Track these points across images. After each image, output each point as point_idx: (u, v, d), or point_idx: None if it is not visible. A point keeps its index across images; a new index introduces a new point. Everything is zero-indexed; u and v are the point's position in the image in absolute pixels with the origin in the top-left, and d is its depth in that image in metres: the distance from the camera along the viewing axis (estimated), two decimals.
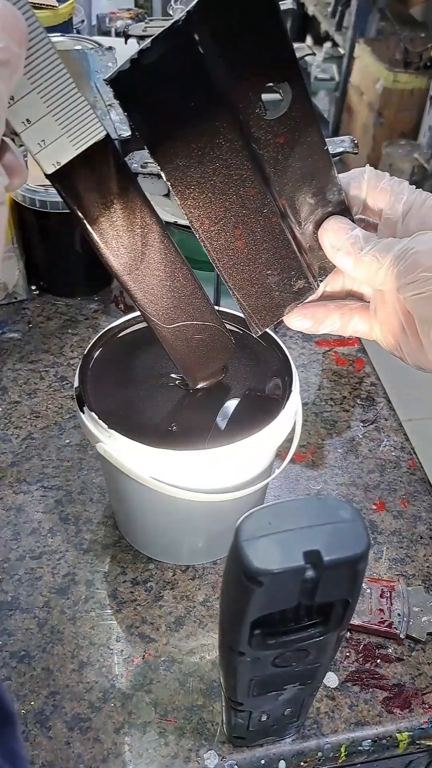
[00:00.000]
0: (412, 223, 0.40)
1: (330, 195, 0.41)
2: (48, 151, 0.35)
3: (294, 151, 0.39)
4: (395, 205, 0.40)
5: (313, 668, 0.39)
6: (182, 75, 0.34)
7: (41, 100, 0.33)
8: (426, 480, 0.67)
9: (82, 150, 0.36)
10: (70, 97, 0.34)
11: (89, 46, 0.98)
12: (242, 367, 0.53)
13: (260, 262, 0.42)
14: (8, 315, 0.82)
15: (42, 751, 0.47)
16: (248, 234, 0.41)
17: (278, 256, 0.42)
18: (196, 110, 0.35)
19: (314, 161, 0.39)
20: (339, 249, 0.40)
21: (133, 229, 0.41)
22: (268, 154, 0.38)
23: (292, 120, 0.37)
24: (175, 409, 0.51)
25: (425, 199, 0.40)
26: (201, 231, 0.40)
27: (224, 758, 0.47)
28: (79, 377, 0.51)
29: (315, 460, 0.68)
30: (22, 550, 0.58)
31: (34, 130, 0.34)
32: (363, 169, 0.42)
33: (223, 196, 0.39)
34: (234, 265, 0.42)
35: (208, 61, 0.34)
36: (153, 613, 0.54)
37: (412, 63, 2.52)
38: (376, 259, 0.38)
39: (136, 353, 0.54)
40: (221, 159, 0.37)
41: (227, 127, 0.36)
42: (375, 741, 0.49)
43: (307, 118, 0.38)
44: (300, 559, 0.31)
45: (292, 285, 0.44)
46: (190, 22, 0.32)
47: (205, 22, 0.33)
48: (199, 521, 0.54)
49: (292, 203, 0.41)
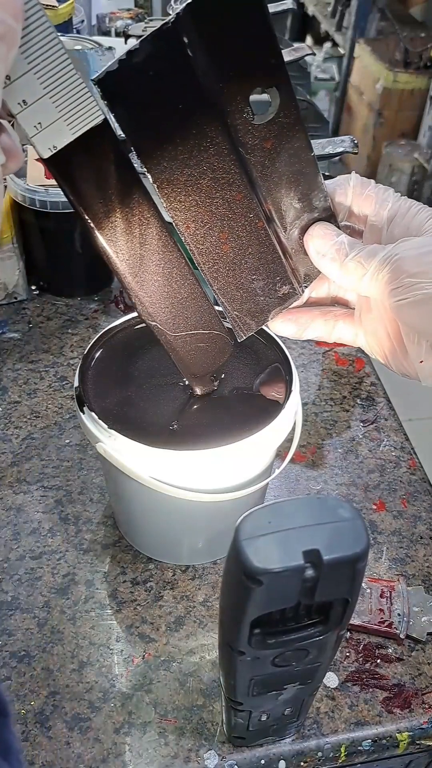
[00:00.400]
0: (396, 230, 0.40)
1: (316, 201, 0.41)
2: (45, 134, 0.34)
3: (281, 156, 0.39)
4: (380, 212, 0.41)
5: (312, 668, 0.39)
6: (170, 77, 0.34)
7: (38, 81, 0.33)
8: (426, 480, 0.67)
9: (79, 134, 0.35)
10: (68, 78, 0.33)
11: (89, 46, 0.98)
12: (242, 366, 0.53)
13: (246, 267, 0.42)
14: (8, 315, 0.82)
15: (42, 751, 0.47)
16: (234, 238, 0.41)
17: (264, 260, 0.42)
18: (184, 113, 0.35)
19: (301, 167, 0.40)
20: (324, 255, 0.41)
21: (131, 220, 0.40)
22: (255, 158, 0.38)
23: (279, 125, 0.38)
24: (175, 409, 0.51)
25: (409, 207, 0.40)
26: (187, 234, 0.40)
27: (224, 758, 0.47)
28: (79, 377, 0.51)
29: (315, 460, 0.68)
30: (22, 550, 0.58)
31: (30, 111, 0.33)
32: (348, 176, 0.42)
33: (209, 199, 0.39)
34: (219, 269, 0.42)
35: (196, 64, 0.34)
36: (153, 613, 0.54)
37: (412, 63, 2.52)
38: (360, 265, 0.39)
39: (136, 353, 0.54)
40: (208, 162, 0.37)
41: (214, 131, 0.36)
42: (375, 741, 0.49)
43: (295, 123, 0.38)
44: (299, 558, 0.31)
45: (277, 290, 0.44)
46: (179, 25, 0.33)
47: (195, 25, 0.33)
48: (199, 521, 0.54)
49: (278, 208, 0.41)
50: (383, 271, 0.37)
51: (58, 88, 0.33)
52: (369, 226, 0.41)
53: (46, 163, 0.36)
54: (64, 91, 0.34)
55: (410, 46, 2.50)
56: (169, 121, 0.35)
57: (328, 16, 2.98)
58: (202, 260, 0.41)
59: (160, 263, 0.42)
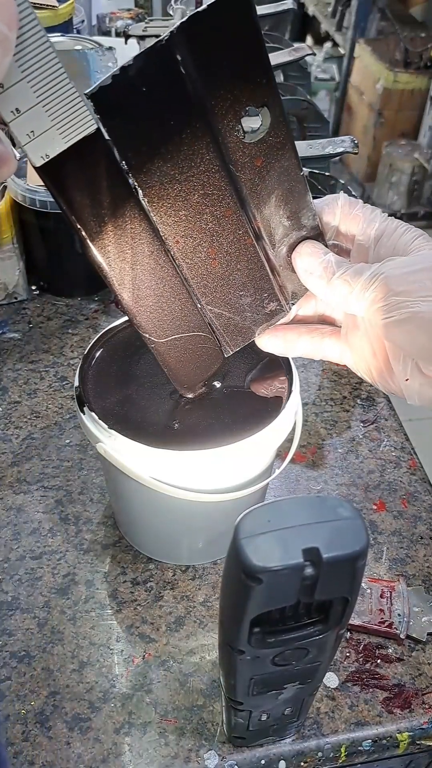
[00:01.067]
0: (383, 250, 0.40)
1: (305, 219, 0.42)
2: (37, 142, 0.35)
3: (271, 174, 0.39)
4: (367, 231, 0.41)
5: (312, 667, 0.39)
6: (163, 94, 0.34)
7: (31, 90, 0.33)
8: (426, 480, 0.67)
9: (71, 143, 0.35)
10: (62, 87, 0.33)
11: (89, 46, 0.98)
12: (243, 367, 0.53)
13: (234, 283, 0.42)
14: (8, 315, 0.82)
15: (42, 751, 0.47)
16: (223, 254, 0.41)
17: (252, 277, 0.43)
18: (176, 129, 0.36)
19: (290, 185, 0.40)
20: (312, 273, 0.41)
21: (122, 229, 0.40)
22: (245, 176, 0.38)
23: (269, 144, 0.38)
24: (175, 409, 0.51)
25: (396, 227, 0.40)
26: (176, 249, 0.40)
27: (224, 758, 0.47)
28: (79, 377, 0.51)
29: (315, 460, 0.68)
30: (22, 550, 0.58)
31: (23, 120, 0.33)
32: (337, 196, 0.43)
33: (199, 215, 0.39)
34: (208, 284, 0.42)
35: (188, 82, 0.34)
36: (153, 613, 0.54)
37: (412, 63, 2.52)
38: (347, 284, 0.39)
39: (136, 353, 0.54)
40: (199, 178, 0.38)
41: (205, 148, 0.37)
42: (375, 741, 0.49)
43: (285, 142, 0.38)
44: (299, 556, 0.31)
45: (264, 307, 0.44)
46: (172, 42, 0.33)
47: (188, 43, 0.33)
48: (199, 521, 0.54)
49: (268, 226, 0.41)
50: (369, 289, 0.38)
51: (52, 96, 0.33)
52: (356, 246, 0.42)
53: (38, 171, 0.36)
54: (57, 100, 0.34)
55: (410, 46, 2.50)
56: (160, 136, 0.36)
57: (328, 16, 2.98)
58: (191, 275, 0.41)
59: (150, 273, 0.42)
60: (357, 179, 2.81)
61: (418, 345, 0.37)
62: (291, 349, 0.46)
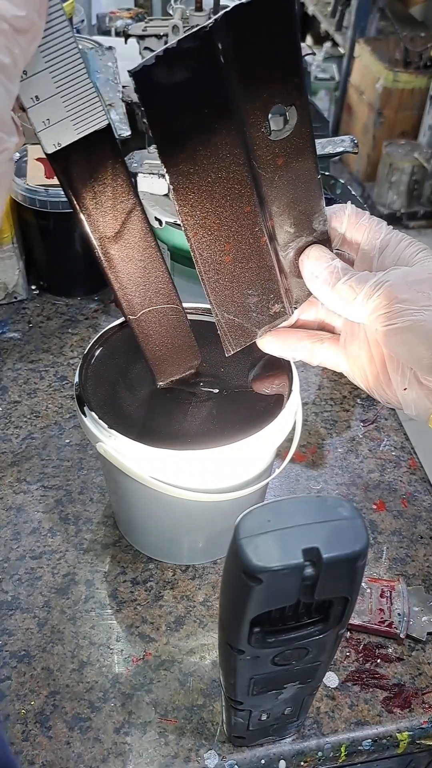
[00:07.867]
0: (387, 260, 0.41)
1: (316, 223, 0.42)
2: (51, 130, 0.37)
3: (289, 174, 0.39)
4: (373, 241, 0.42)
5: (312, 667, 0.39)
6: (201, 79, 0.35)
7: (52, 80, 0.35)
8: (426, 480, 0.67)
9: (83, 135, 0.37)
10: (80, 81, 0.35)
11: (89, 45, 0.98)
12: (243, 367, 0.53)
13: (244, 280, 0.42)
14: (8, 315, 0.82)
15: (42, 751, 0.47)
16: (237, 250, 0.41)
17: (261, 277, 0.43)
18: (208, 117, 0.36)
19: (307, 188, 0.40)
20: (317, 276, 0.41)
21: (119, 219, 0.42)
22: (266, 173, 0.39)
23: (293, 144, 0.38)
24: (175, 408, 0.51)
25: (400, 239, 0.41)
26: (193, 240, 0.40)
27: (224, 758, 0.47)
28: (79, 377, 0.51)
29: (315, 459, 0.68)
30: (22, 550, 0.58)
31: (41, 107, 0.35)
32: (344, 205, 0.43)
33: (219, 207, 0.39)
34: (219, 279, 0.42)
35: (226, 71, 0.34)
36: (153, 612, 0.54)
37: (412, 63, 2.52)
38: (352, 290, 0.39)
39: (136, 353, 0.54)
40: (224, 170, 0.38)
41: (234, 140, 0.37)
42: (375, 741, 0.49)
43: (307, 144, 0.39)
44: (299, 556, 0.31)
45: (269, 308, 0.44)
46: (215, 30, 0.33)
47: (230, 32, 0.33)
48: (199, 521, 0.54)
49: (281, 226, 0.41)
50: (374, 296, 0.38)
51: (70, 88, 0.35)
52: (361, 254, 0.42)
53: (48, 158, 0.38)
54: (75, 93, 0.36)
55: (410, 46, 2.50)
56: (193, 122, 0.36)
57: (328, 15, 2.98)
58: (203, 268, 0.41)
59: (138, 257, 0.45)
60: (357, 179, 2.81)
61: (417, 354, 0.37)
62: (291, 353, 0.46)
